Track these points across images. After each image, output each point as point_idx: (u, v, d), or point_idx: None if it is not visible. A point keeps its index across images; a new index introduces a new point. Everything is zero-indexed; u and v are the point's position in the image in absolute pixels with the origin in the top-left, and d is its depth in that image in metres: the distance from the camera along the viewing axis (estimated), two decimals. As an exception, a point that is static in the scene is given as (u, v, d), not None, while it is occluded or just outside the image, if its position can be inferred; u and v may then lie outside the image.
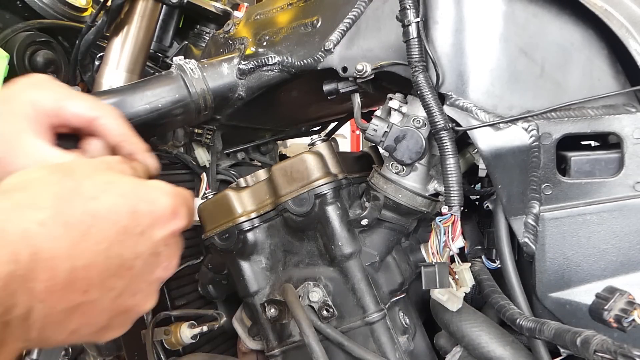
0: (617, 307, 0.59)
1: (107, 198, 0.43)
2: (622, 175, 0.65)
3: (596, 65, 0.68)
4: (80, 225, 0.40)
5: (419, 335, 0.81)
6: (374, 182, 0.77)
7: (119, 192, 0.45)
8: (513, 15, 0.67)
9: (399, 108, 0.73)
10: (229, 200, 0.78)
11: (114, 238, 0.42)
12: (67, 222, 0.40)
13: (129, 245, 0.44)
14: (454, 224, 0.67)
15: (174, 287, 0.91)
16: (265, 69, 0.85)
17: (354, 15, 0.76)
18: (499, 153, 0.66)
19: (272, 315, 0.72)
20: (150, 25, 0.99)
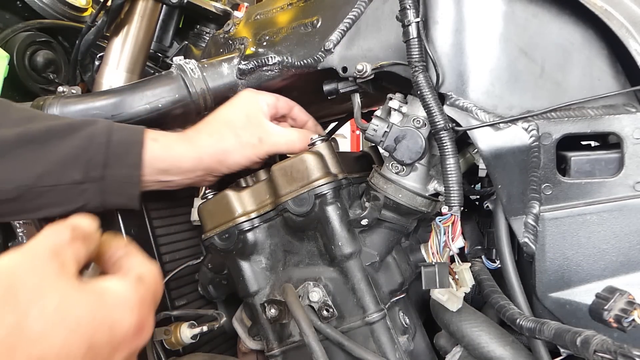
0: (617, 307, 0.59)
1: (58, 335, 0.36)
2: (622, 175, 0.65)
3: (596, 65, 0.68)
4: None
5: (419, 335, 0.81)
6: (374, 182, 0.77)
7: (72, 323, 0.37)
8: (513, 15, 0.67)
9: (399, 108, 0.73)
10: (229, 200, 0.78)
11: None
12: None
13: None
14: (454, 224, 0.67)
15: (174, 287, 0.91)
16: (265, 69, 0.85)
17: (354, 15, 0.76)
18: (499, 153, 0.66)
19: (272, 315, 0.72)
20: (150, 25, 0.99)
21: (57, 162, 0.68)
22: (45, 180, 0.68)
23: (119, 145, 0.71)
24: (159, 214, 0.92)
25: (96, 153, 0.69)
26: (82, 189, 0.70)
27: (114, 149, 0.70)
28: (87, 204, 0.71)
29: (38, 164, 0.67)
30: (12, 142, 0.67)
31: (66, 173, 0.69)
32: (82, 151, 0.69)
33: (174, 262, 0.92)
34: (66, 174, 0.69)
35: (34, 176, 0.67)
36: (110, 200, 0.72)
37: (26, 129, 0.68)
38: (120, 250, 0.46)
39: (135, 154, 0.72)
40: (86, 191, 0.70)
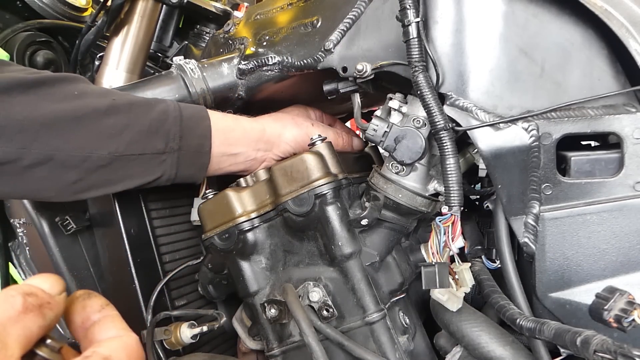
0: (617, 307, 0.59)
1: None
2: (622, 175, 0.65)
3: (596, 65, 0.68)
4: None
5: (419, 335, 0.81)
6: (374, 182, 0.77)
7: None
8: (513, 15, 0.67)
9: (399, 108, 0.73)
10: (229, 200, 0.78)
11: None
12: None
13: None
14: (454, 224, 0.67)
15: (174, 287, 0.91)
16: (265, 69, 0.85)
17: (354, 15, 0.76)
18: (499, 153, 0.66)
19: (272, 315, 0.72)
20: (150, 25, 0.99)
21: (143, 132, 0.72)
22: (133, 148, 0.72)
23: (190, 119, 0.77)
24: (159, 214, 0.92)
25: (173, 125, 0.74)
26: (162, 159, 0.74)
27: (186, 122, 0.76)
28: (163, 174, 0.76)
29: (127, 133, 0.71)
30: (103, 111, 0.70)
31: (151, 142, 0.73)
32: (161, 123, 0.74)
33: (174, 262, 0.92)
34: (151, 144, 0.73)
35: (124, 143, 0.71)
36: (183, 171, 0.77)
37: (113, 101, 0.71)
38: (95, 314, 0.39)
39: (204, 126, 0.78)
40: (165, 162, 0.75)
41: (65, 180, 0.68)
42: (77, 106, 0.68)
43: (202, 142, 0.77)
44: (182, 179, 0.78)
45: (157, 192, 0.92)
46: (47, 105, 0.66)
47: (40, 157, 0.65)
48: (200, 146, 0.77)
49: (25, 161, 0.64)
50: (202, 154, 0.78)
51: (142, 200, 0.89)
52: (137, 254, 0.86)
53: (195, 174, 0.79)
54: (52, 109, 0.66)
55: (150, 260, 0.89)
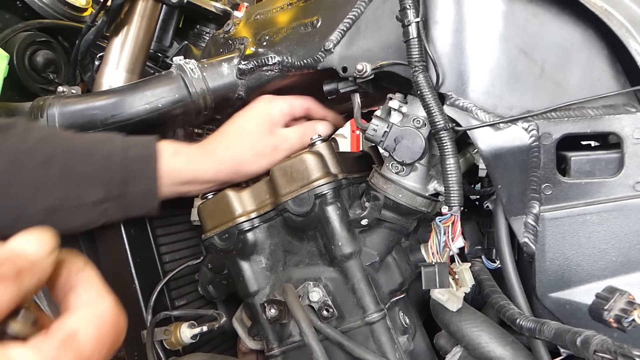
0: (617, 307, 0.59)
1: None
2: (622, 175, 0.65)
3: (596, 65, 0.68)
4: None
5: (419, 335, 0.81)
6: (374, 182, 0.77)
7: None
8: (513, 15, 0.67)
9: (399, 108, 0.73)
10: (228, 200, 0.78)
11: None
12: None
13: None
14: (454, 224, 0.67)
15: (174, 287, 0.91)
16: (265, 69, 0.85)
17: (353, 15, 0.76)
18: (499, 153, 0.66)
19: (272, 315, 0.72)
20: (150, 25, 0.99)
21: (79, 183, 0.70)
22: (70, 201, 0.69)
23: (135, 162, 0.73)
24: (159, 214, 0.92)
25: (115, 172, 0.72)
26: (103, 207, 0.72)
27: (131, 165, 0.73)
28: (109, 220, 0.74)
29: (62, 186, 0.69)
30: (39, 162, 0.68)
31: (88, 193, 0.70)
32: (102, 170, 0.71)
33: (174, 262, 0.92)
34: (88, 194, 0.70)
35: (59, 198, 0.69)
36: (131, 213, 0.75)
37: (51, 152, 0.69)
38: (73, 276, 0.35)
39: (151, 168, 0.74)
40: (108, 209, 0.72)
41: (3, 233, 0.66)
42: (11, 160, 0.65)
43: (149, 186, 0.74)
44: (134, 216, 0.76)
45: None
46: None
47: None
48: (147, 190, 0.74)
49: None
50: (150, 198, 0.75)
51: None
52: (137, 254, 0.86)
53: (147, 213, 0.77)
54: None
55: (150, 260, 0.89)
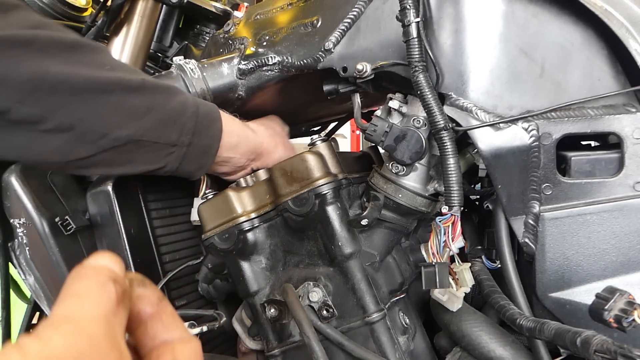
0: (617, 307, 0.59)
1: None
2: (622, 175, 0.65)
3: (596, 65, 0.68)
4: None
5: (419, 335, 0.81)
6: (374, 182, 0.77)
7: None
8: (513, 15, 0.67)
9: (399, 108, 0.73)
10: (229, 201, 0.78)
11: None
12: None
13: None
14: (454, 224, 0.67)
15: (174, 287, 0.91)
16: (265, 69, 0.85)
17: (353, 15, 0.76)
18: (499, 153, 0.66)
19: (272, 315, 0.72)
20: (150, 25, 0.99)
21: (163, 119, 0.70)
22: (150, 135, 0.69)
23: (205, 117, 0.75)
24: (159, 214, 0.92)
25: (189, 119, 0.72)
26: (170, 151, 0.72)
27: (201, 119, 0.74)
28: (165, 166, 0.74)
29: (149, 117, 0.69)
30: (133, 88, 0.67)
31: (166, 132, 0.71)
32: (178, 115, 0.72)
33: (174, 262, 0.92)
34: (166, 133, 0.71)
35: (143, 128, 0.68)
36: (185, 166, 0.76)
37: (142, 80, 0.69)
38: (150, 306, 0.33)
39: (217, 128, 0.77)
40: (172, 154, 0.73)
41: (75, 154, 0.66)
42: (109, 78, 0.65)
43: (211, 142, 0.77)
44: (180, 173, 0.77)
45: (157, 192, 0.92)
46: (82, 71, 0.63)
47: (61, 125, 0.62)
48: (208, 147, 0.76)
49: (45, 125, 0.62)
50: (208, 155, 0.77)
51: (142, 200, 0.89)
52: (137, 254, 0.86)
53: (194, 171, 0.78)
54: (86, 75, 0.63)
55: (150, 260, 0.89)
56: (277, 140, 0.90)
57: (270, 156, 0.87)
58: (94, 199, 0.87)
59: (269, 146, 0.87)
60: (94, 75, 0.64)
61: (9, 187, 0.86)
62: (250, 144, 0.84)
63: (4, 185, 0.86)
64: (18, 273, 1.00)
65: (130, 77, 0.68)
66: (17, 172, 0.86)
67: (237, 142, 0.81)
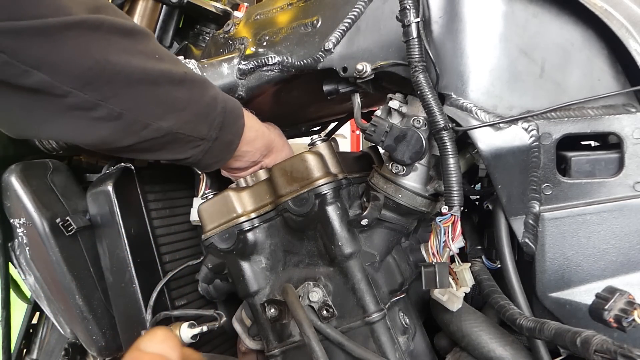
0: (617, 307, 0.59)
1: None
2: (622, 175, 0.65)
3: (596, 65, 0.68)
4: None
5: (419, 335, 0.81)
6: (374, 182, 0.77)
7: None
8: (513, 15, 0.67)
9: (399, 108, 0.73)
10: (229, 201, 0.78)
11: None
12: None
13: None
14: (454, 224, 0.67)
15: (174, 287, 0.91)
16: (265, 69, 0.85)
17: (353, 15, 0.76)
18: (499, 153, 0.66)
19: (272, 315, 0.72)
20: (150, 25, 0.99)
21: (198, 113, 0.71)
22: (186, 128, 0.71)
23: (231, 113, 0.76)
24: (159, 214, 0.92)
25: (218, 114, 0.74)
26: (198, 144, 0.73)
27: (228, 114, 0.75)
28: (189, 157, 0.75)
29: (188, 110, 0.70)
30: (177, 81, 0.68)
31: (199, 126, 0.72)
32: (211, 109, 0.73)
33: (174, 262, 0.92)
34: (198, 127, 0.72)
35: (182, 121, 0.70)
36: (205, 159, 0.77)
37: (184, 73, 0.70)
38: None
39: (240, 124, 0.78)
40: (199, 147, 0.74)
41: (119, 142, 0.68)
42: (159, 69, 0.66)
43: (233, 138, 0.78)
44: (200, 165, 0.79)
45: (157, 192, 0.92)
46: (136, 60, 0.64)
47: (112, 113, 0.63)
48: (231, 142, 0.78)
49: (97, 113, 0.63)
50: (229, 149, 0.79)
51: (142, 200, 0.89)
52: (137, 254, 0.86)
53: (213, 164, 0.80)
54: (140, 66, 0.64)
55: (150, 260, 0.89)
56: (284, 140, 0.92)
57: (279, 154, 0.89)
58: (94, 199, 0.87)
59: (279, 144, 0.89)
60: (147, 67, 0.65)
61: (9, 187, 0.86)
62: (265, 139, 0.85)
63: (4, 185, 0.87)
64: (18, 273, 1.00)
65: (176, 70, 0.69)
66: (17, 172, 0.86)
67: (255, 137, 0.82)
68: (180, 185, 0.96)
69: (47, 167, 0.90)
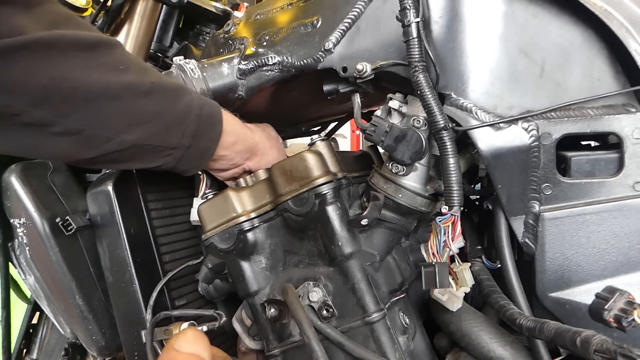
0: (617, 307, 0.59)
1: None
2: (622, 175, 0.65)
3: (596, 65, 0.68)
4: None
5: (419, 335, 0.81)
6: (374, 182, 0.77)
7: None
8: (513, 15, 0.67)
9: (399, 108, 0.73)
10: (229, 200, 0.78)
11: None
12: None
13: None
14: (454, 224, 0.67)
15: (174, 287, 0.91)
16: (265, 69, 0.85)
17: (353, 15, 0.76)
18: (499, 153, 0.66)
19: (272, 315, 0.72)
20: (150, 25, 0.99)
21: (167, 124, 0.70)
22: (153, 140, 0.70)
23: (207, 119, 0.75)
24: (159, 214, 0.92)
25: (191, 123, 0.73)
26: (169, 152, 0.73)
27: (204, 121, 0.74)
28: (161, 165, 0.74)
29: (154, 123, 0.69)
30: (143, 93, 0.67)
31: (169, 136, 0.71)
32: (183, 119, 0.72)
33: (174, 262, 0.92)
34: (168, 137, 0.71)
35: (148, 133, 0.69)
36: (180, 165, 0.76)
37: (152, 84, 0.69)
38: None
39: (216, 130, 0.77)
40: (170, 155, 0.73)
41: (80, 155, 0.67)
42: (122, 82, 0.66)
43: (209, 145, 0.77)
44: (175, 171, 0.78)
45: (157, 192, 0.92)
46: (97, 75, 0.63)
47: (70, 129, 0.63)
48: (206, 149, 0.77)
49: (55, 129, 0.62)
50: (205, 156, 0.78)
51: (142, 200, 0.89)
52: (137, 254, 0.86)
53: (190, 169, 0.79)
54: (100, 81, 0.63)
55: (150, 260, 0.89)
56: (272, 143, 0.90)
57: (264, 157, 0.87)
58: (94, 199, 0.87)
59: (264, 147, 0.88)
60: (108, 80, 0.64)
61: (9, 187, 0.86)
62: (247, 143, 0.84)
63: (4, 185, 0.87)
64: (18, 273, 1.00)
65: (141, 81, 0.68)
66: (17, 172, 0.86)
67: (234, 141, 0.81)
68: (180, 185, 0.96)
69: (47, 167, 0.90)
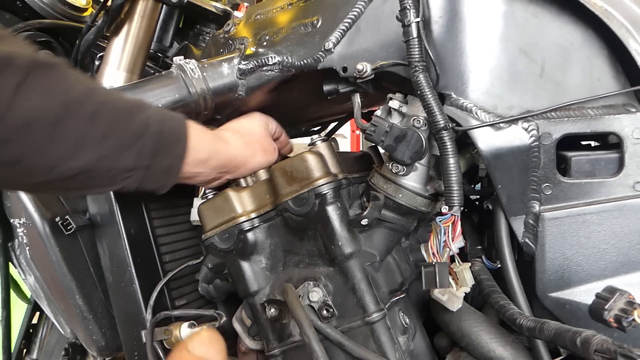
0: (617, 307, 0.59)
1: None
2: (622, 175, 0.65)
3: (596, 65, 0.68)
4: None
5: (419, 335, 0.81)
6: (374, 182, 0.77)
7: None
8: (513, 15, 0.67)
9: (399, 108, 0.73)
10: (229, 200, 0.78)
11: None
12: None
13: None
14: (454, 224, 0.67)
15: (174, 287, 0.91)
16: (265, 69, 0.85)
17: (353, 15, 0.76)
18: (499, 153, 0.66)
19: (272, 315, 0.72)
20: (150, 25, 0.99)
21: (118, 145, 0.67)
22: (103, 164, 0.66)
23: (169, 136, 0.71)
24: (159, 214, 0.92)
25: (148, 141, 0.69)
26: (127, 175, 0.69)
27: (165, 138, 0.71)
28: (124, 187, 0.71)
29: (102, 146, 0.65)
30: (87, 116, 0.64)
31: (122, 158, 0.68)
32: (137, 138, 0.68)
33: (174, 262, 0.92)
34: (122, 160, 0.68)
35: (96, 157, 0.65)
36: (145, 185, 0.72)
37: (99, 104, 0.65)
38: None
39: (182, 145, 0.73)
40: (129, 177, 0.70)
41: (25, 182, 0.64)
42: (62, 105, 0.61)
43: (173, 162, 0.73)
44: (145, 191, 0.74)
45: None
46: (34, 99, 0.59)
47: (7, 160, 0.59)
48: (170, 167, 0.73)
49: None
50: (170, 174, 0.74)
51: (142, 200, 0.89)
52: (137, 254, 0.86)
53: (156, 189, 0.75)
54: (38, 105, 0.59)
55: (150, 260, 0.89)
56: (254, 148, 0.85)
57: (246, 167, 0.83)
58: (94, 198, 0.88)
59: (245, 157, 0.83)
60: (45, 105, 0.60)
61: (9, 187, 0.86)
62: (220, 159, 0.80)
63: (4, 185, 0.86)
64: (18, 273, 1.00)
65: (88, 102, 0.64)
66: (17, 172, 0.86)
67: (206, 158, 0.77)
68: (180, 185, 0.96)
69: (47, 167, 0.90)
